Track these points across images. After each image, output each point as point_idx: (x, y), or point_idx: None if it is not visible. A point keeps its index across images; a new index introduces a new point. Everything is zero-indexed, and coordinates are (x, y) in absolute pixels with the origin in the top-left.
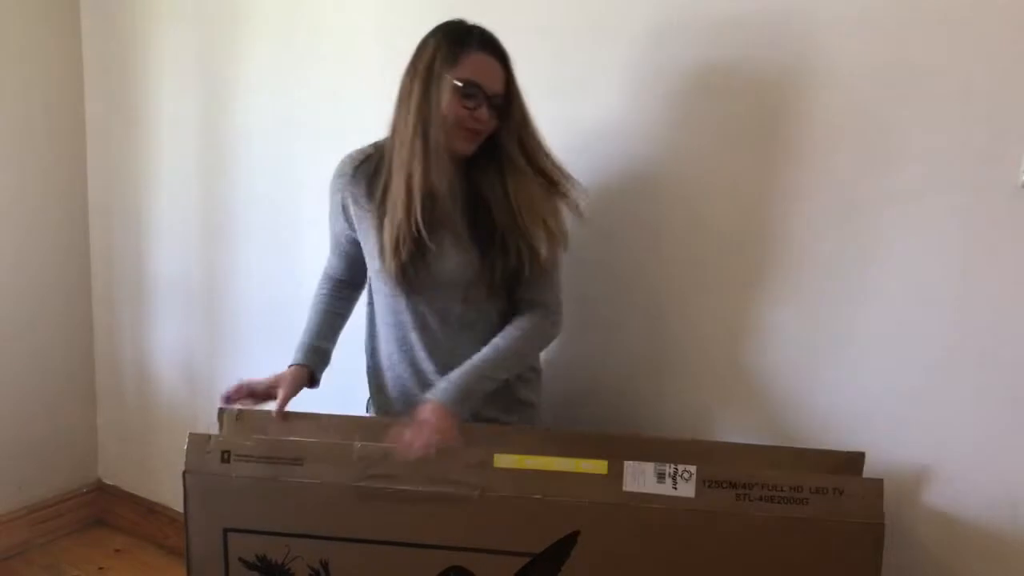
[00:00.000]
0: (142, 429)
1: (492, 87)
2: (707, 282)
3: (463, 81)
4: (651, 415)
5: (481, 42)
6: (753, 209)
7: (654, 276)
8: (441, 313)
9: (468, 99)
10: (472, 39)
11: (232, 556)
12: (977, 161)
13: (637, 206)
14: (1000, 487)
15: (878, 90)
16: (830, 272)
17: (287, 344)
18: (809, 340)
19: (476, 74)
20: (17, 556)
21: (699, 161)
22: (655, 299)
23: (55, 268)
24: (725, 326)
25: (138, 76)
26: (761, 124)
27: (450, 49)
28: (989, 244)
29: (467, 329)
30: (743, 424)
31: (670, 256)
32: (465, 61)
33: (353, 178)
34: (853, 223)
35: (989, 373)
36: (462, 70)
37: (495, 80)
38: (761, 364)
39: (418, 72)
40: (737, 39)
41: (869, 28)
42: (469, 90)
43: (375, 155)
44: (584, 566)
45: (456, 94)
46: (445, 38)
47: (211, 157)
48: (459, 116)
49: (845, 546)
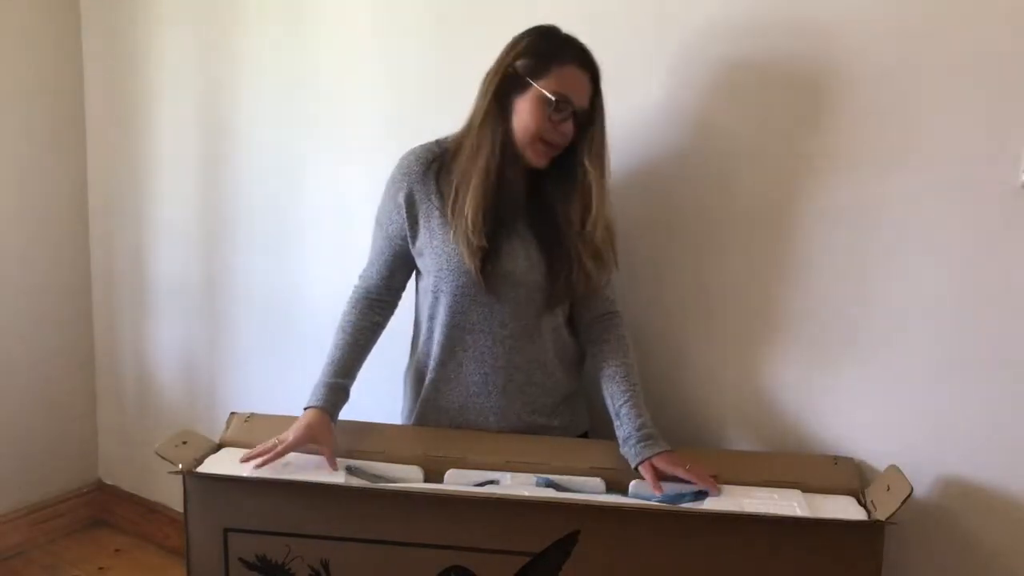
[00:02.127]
0: (142, 429)
1: (580, 102)
2: (712, 282)
3: (554, 94)
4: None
5: (575, 54)
6: (754, 210)
7: (669, 271)
8: (510, 316)
9: (556, 112)
10: (568, 51)
11: (232, 556)
12: (977, 161)
13: (649, 201)
14: (1001, 488)
15: (878, 90)
16: (835, 274)
17: (287, 344)
18: (810, 341)
19: (567, 87)
20: (17, 556)
21: (717, 157)
22: (673, 297)
23: (55, 268)
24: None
25: (138, 76)
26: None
27: (543, 58)
28: (989, 244)
29: (530, 335)
30: (745, 428)
31: (682, 251)
32: (558, 73)
33: (424, 175)
34: (853, 224)
35: (990, 374)
36: (554, 82)
37: (584, 95)
38: (764, 365)
39: (506, 74)
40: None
41: (870, 29)
42: (559, 103)
43: (442, 154)
44: (584, 566)
45: (543, 105)
46: (539, 44)
47: (211, 157)
48: (542, 128)
49: (845, 546)
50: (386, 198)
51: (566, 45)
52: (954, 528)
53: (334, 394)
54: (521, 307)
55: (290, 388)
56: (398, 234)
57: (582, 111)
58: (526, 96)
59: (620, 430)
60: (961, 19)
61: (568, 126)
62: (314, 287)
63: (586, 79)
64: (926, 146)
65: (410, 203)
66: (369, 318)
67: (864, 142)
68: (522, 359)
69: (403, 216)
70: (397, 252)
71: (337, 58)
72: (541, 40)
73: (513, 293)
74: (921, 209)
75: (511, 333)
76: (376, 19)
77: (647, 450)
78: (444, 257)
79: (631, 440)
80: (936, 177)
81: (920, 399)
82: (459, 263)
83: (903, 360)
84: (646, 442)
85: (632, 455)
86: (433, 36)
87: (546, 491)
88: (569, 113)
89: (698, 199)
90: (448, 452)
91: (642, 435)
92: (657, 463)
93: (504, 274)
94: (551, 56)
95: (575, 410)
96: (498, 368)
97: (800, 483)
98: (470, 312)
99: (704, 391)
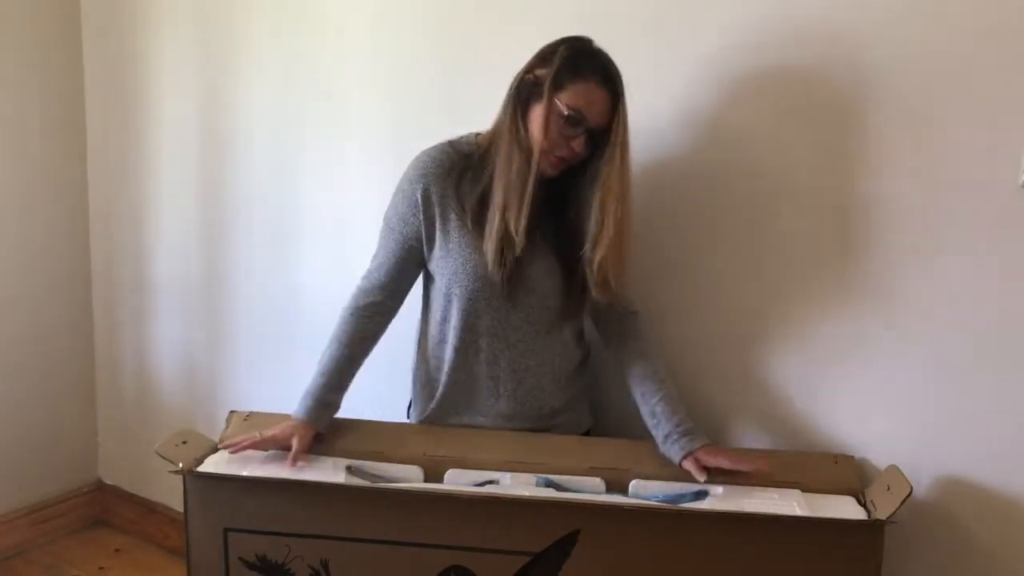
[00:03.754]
0: (142, 429)
1: (595, 120)
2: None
3: (568, 108)
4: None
5: (596, 70)
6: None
7: (673, 270)
8: (523, 321)
9: (569, 126)
10: (590, 67)
11: (232, 556)
12: (977, 161)
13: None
14: (1001, 488)
15: (878, 91)
16: (835, 273)
17: (286, 344)
18: (812, 340)
19: (583, 104)
20: (17, 556)
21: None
22: (675, 296)
23: (55, 268)
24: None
25: (138, 76)
26: None
27: (564, 70)
28: (989, 244)
29: (543, 341)
30: (746, 426)
31: (684, 250)
32: (575, 88)
33: (442, 177)
34: (854, 224)
35: (990, 373)
36: (570, 96)
37: (600, 113)
38: (766, 363)
39: (524, 81)
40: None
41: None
42: (572, 119)
43: (462, 158)
44: (584, 565)
45: (556, 118)
46: (566, 57)
47: (211, 157)
48: (552, 140)
49: (845, 546)
50: (400, 199)
51: (591, 60)
52: (954, 528)
53: (324, 409)
54: (535, 313)
55: (290, 387)
56: (414, 235)
57: (598, 129)
58: (541, 105)
59: (658, 429)
60: (961, 19)
61: (579, 142)
62: (314, 286)
63: (605, 97)
64: (926, 146)
65: (427, 204)
66: (368, 328)
67: (864, 143)
68: (534, 363)
69: (419, 217)
70: (410, 254)
71: (337, 58)
72: (568, 51)
73: (528, 300)
74: (922, 209)
75: (523, 338)
76: (376, 19)
77: (690, 444)
78: (460, 260)
79: (672, 437)
80: (937, 177)
81: (920, 398)
82: (475, 267)
83: (904, 359)
84: (688, 437)
85: (675, 451)
86: (433, 36)
87: (546, 491)
88: (582, 130)
89: (702, 199)
90: (448, 452)
91: (682, 431)
92: (700, 456)
93: (523, 280)
94: (573, 70)
95: (578, 408)
96: (510, 372)
97: (800, 482)
98: (484, 316)
99: (706, 389)
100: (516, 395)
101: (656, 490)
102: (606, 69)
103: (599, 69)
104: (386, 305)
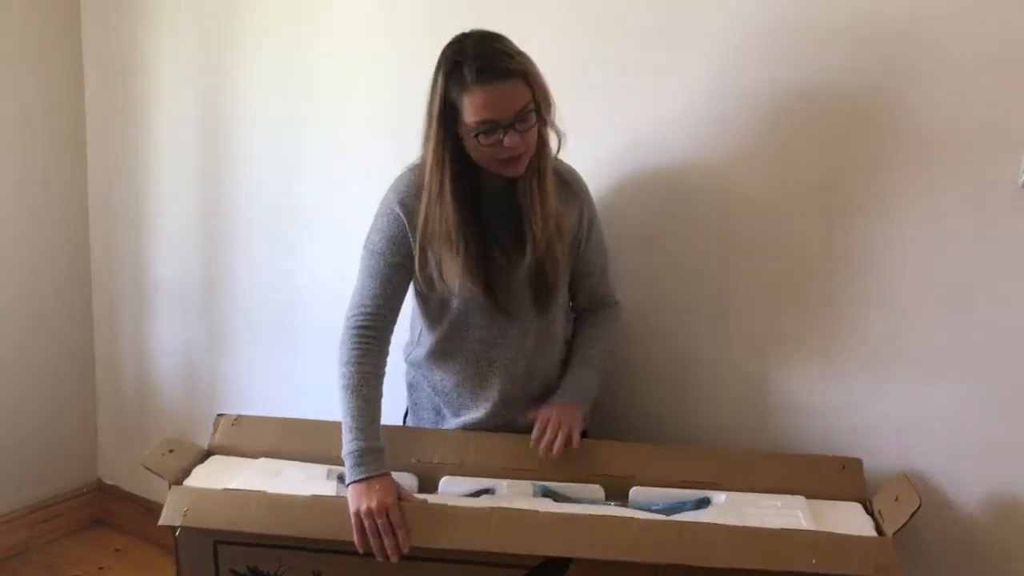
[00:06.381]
0: (142, 429)
1: (506, 114)
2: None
3: (475, 123)
4: (666, 414)
5: (475, 78)
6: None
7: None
8: (515, 324)
9: (488, 136)
10: (467, 75)
11: (223, 568)
12: (977, 161)
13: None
14: (1002, 489)
15: (879, 92)
16: (842, 274)
17: (286, 344)
18: (819, 341)
19: (483, 111)
20: (17, 556)
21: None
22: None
23: (55, 268)
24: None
25: (138, 76)
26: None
27: (453, 89)
28: (989, 244)
29: (536, 340)
30: (752, 427)
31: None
32: (468, 103)
33: (415, 206)
34: (857, 225)
35: (990, 373)
36: (468, 113)
37: (506, 106)
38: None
39: (433, 117)
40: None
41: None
42: (483, 128)
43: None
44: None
45: (474, 138)
46: (446, 79)
47: (211, 157)
48: (485, 155)
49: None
50: (385, 222)
51: (467, 65)
52: (954, 528)
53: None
54: (521, 317)
55: (290, 388)
56: (406, 254)
57: (516, 118)
58: (460, 133)
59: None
60: (961, 20)
61: (512, 137)
62: (314, 287)
63: (502, 89)
64: (927, 147)
65: (412, 225)
66: (378, 365)
67: (866, 143)
68: (523, 367)
69: (409, 237)
70: (400, 274)
71: (337, 58)
72: (448, 72)
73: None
74: (923, 209)
75: (512, 342)
76: (376, 19)
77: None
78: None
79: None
80: (937, 177)
81: (923, 399)
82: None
83: (910, 360)
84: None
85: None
86: (433, 36)
87: (543, 501)
88: (500, 130)
89: (708, 200)
90: (443, 458)
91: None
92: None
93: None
94: (459, 85)
95: None
96: (500, 377)
97: (806, 489)
98: (473, 323)
99: (712, 390)
100: (507, 398)
101: (657, 498)
102: (483, 70)
103: (476, 75)
104: (382, 334)
